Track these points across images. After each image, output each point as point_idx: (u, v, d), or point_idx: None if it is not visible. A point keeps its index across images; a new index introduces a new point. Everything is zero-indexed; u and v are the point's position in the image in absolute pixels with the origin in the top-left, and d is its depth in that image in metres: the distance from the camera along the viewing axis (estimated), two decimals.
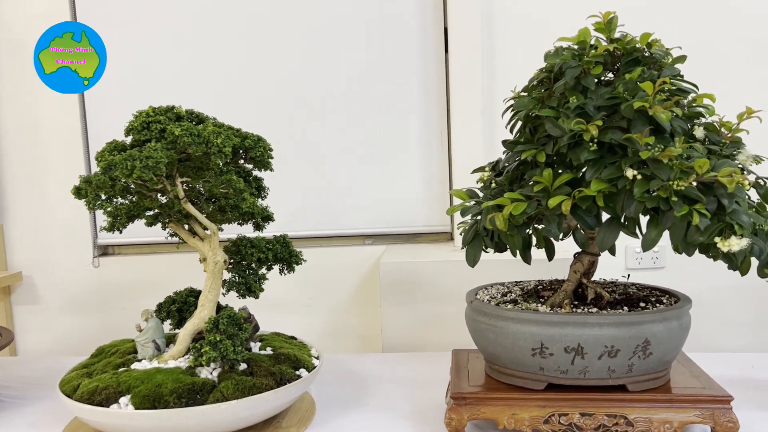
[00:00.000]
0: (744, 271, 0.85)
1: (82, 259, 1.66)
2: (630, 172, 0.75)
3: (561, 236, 0.90)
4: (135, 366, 0.95)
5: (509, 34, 1.54)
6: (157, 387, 0.86)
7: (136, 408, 0.84)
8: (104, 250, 1.71)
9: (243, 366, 0.94)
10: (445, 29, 1.56)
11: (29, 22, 1.59)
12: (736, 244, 0.73)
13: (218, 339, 0.88)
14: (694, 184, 0.74)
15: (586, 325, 0.83)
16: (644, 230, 0.79)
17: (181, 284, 1.12)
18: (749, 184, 0.82)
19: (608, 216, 0.82)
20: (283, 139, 1.61)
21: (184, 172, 0.94)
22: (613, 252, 0.89)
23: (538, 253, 0.98)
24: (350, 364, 1.29)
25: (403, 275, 1.41)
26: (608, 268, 1.53)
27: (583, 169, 0.83)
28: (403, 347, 1.42)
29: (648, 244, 0.77)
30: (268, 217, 1.12)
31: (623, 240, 1.16)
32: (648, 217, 0.78)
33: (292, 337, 1.16)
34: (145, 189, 0.90)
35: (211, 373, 0.91)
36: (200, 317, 0.97)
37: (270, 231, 1.67)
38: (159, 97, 1.59)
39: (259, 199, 1.14)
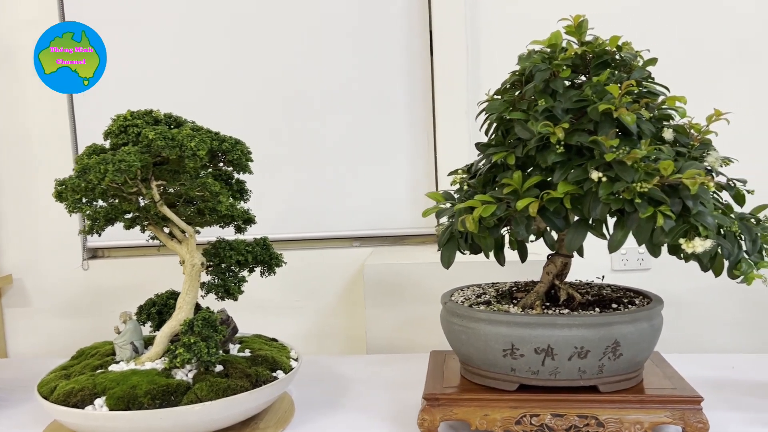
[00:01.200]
0: (717, 272, 0.86)
1: (72, 262, 1.67)
2: (595, 174, 0.76)
3: (534, 238, 0.91)
4: (112, 368, 0.96)
5: (494, 36, 1.55)
6: (131, 388, 0.87)
7: (111, 409, 0.85)
8: (94, 253, 1.72)
9: (219, 368, 0.95)
10: (431, 32, 1.57)
11: (17, 28, 1.61)
12: (700, 245, 0.73)
13: (192, 341, 0.89)
14: (659, 186, 0.75)
15: (555, 326, 0.83)
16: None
17: (170, 287, 1.13)
18: (714, 185, 0.83)
19: (577, 218, 0.82)
20: (270, 141, 1.62)
21: (160, 175, 0.95)
22: (581, 253, 0.90)
23: (511, 255, 0.98)
24: (333, 366, 1.29)
25: (387, 277, 1.42)
26: (594, 270, 1.54)
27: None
28: (387, 349, 1.43)
29: (614, 246, 0.77)
30: (249, 220, 1.13)
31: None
32: (615, 218, 0.79)
33: (274, 339, 1.17)
34: (121, 192, 0.90)
35: (187, 375, 0.92)
36: (177, 319, 0.98)
37: (257, 233, 1.68)
38: (148, 100, 1.60)
39: (242, 202, 1.15)
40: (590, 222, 0.81)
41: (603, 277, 1.05)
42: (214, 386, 0.89)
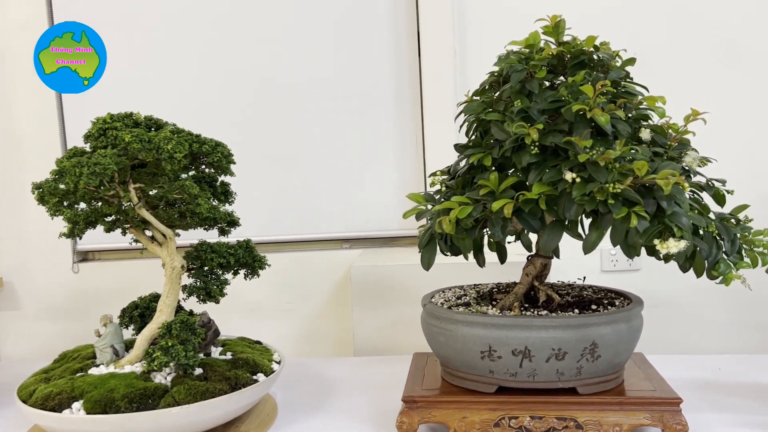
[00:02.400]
0: (698, 273, 0.86)
1: (62, 265, 1.67)
2: (569, 175, 0.76)
3: (512, 239, 0.91)
4: (92, 371, 0.96)
5: (482, 35, 1.54)
6: (109, 392, 0.87)
7: (88, 413, 0.85)
8: (84, 256, 1.72)
9: (199, 371, 0.94)
10: (418, 33, 1.57)
11: (6, 31, 1.61)
12: (674, 246, 0.73)
13: (170, 344, 0.89)
14: (634, 186, 0.74)
15: (532, 327, 0.83)
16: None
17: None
18: (691, 185, 0.82)
19: (553, 219, 0.82)
20: (260, 143, 1.62)
21: (138, 178, 0.95)
22: (557, 254, 0.89)
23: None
24: (319, 368, 1.29)
25: (374, 279, 1.41)
26: (584, 270, 1.53)
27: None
28: (375, 351, 1.43)
29: (588, 247, 0.77)
30: (233, 222, 1.12)
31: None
32: (591, 219, 0.78)
33: (257, 342, 1.16)
34: (98, 195, 0.90)
35: (165, 378, 0.92)
36: (157, 322, 0.98)
37: (247, 235, 1.68)
38: (134, 103, 1.61)
39: (226, 204, 1.15)
40: (566, 223, 0.80)
41: (584, 278, 1.05)
42: (192, 389, 0.89)
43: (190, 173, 1.10)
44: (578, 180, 0.75)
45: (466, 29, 1.55)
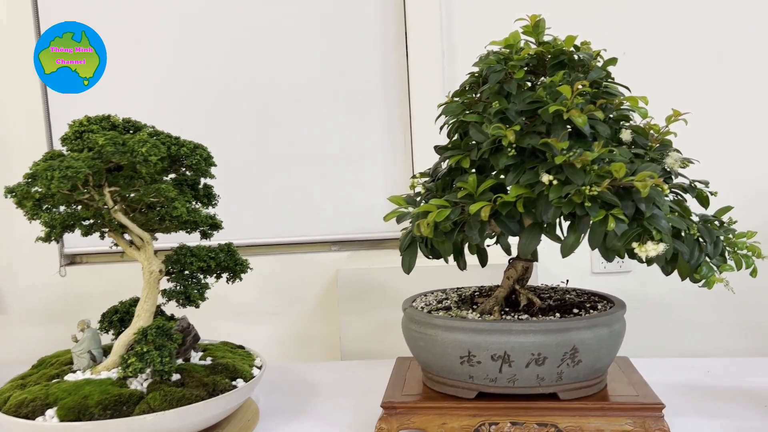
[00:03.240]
0: (682, 276, 0.84)
1: (49, 268, 1.66)
2: (546, 177, 0.74)
3: (493, 242, 0.90)
4: (68, 377, 0.94)
5: (470, 35, 1.53)
6: (83, 399, 0.86)
7: (61, 420, 0.84)
8: (72, 259, 1.71)
9: (177, 376, 0.93)
10: (406, 34, 1.55)
11: None
12: (652, 249, 0.71)
13: (145, 350, 0.88)
14: (611, 188, 0.73)
15: (511, 332, 0.82)
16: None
17: None
18: (672, 187, 0.81)
19: (531, 221, 0.80)
20: (247, 145, 1.60)
21: (114, 181, 0.93)
22: (535, 257, 0.88)
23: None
24: (304, 373, 1.28)
25: (361, 282, 1.40)
26: (575, 271, 1.52)
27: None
28: (362, 355, 1.41)
29: (566, 250, 0.76)
30: (215, 226, 1.11)
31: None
32: (569, 222, 0.77)
33: (240, 347, 1.15)
34: (72, 199, 0.89)
35: (142, 384, 0.91)
36: (135, 327, 0.96)
37: (236, 237, 1.67)
38: (124, 105, 1.61)
39: (210, 207, 1.14)
40: (544, 226, 0.79)
41: (567, 281, 1.03)
42: (168, 396, 0.87)
43: (171, 176, 1.09)
44: (555, 182, 0.74)
45: (454, 29, 1.53)
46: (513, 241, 0.88)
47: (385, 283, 1.39)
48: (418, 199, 0.95)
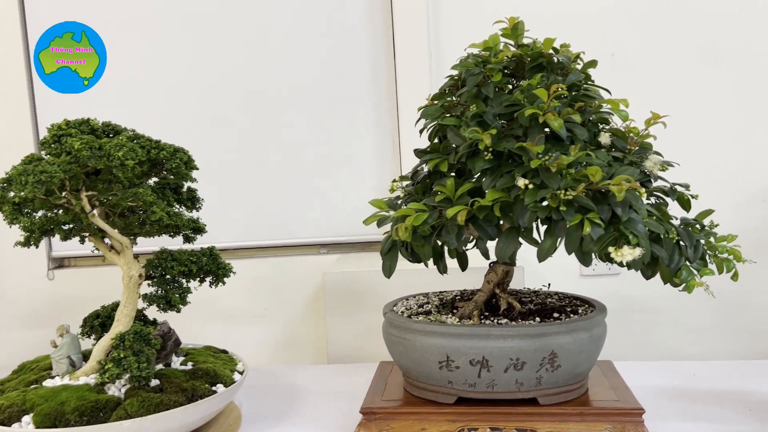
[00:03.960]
0: (665, 280, 0.84)
1: (37, 272, 1.65)
2: (522, 182, 0.74)
3: (472, 246, 0.89)
4: (46, 383, 0.94)
5: (458, 37, 1.52)
6: (60, 405, 0.85)
7: (37, 427, 0.83)
8: (60, 263, 1.70)
9: (156, 382, 0.93)
10: (394, 36, 1.55)
11: None
12: (629, 254, 0.71)
13: (122, 355, 0.87)
14: (588, 192, 0.72)
15: (490, 337, 0.81)
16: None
17: None
18: (651, 190, 0.80)
19: (509, 225, 0.80)
20: (236, 148, 1.60)
21: (92, 185, 0.93)
22: (513, 261, 0.87)
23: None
24: (290, 377, 1.27)
25: (347, 285, 1.39)
26: (565, 273, 1.51)
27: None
28: (349, 358, 1.41)
29: (543, 255, 0.75)
30: (199, 229, 1.11)
31: None
32: (546, 226, 0.77)
33: (223, 351, 1.14)
34: (49, 203, 0.89)
35: (120, 390, 0.90)
36: (114, 333, 0.96)
37: (225, 241, 1.66)
38: (111, 107, 1.60)
39: (193, 211, 1.13)
40: (522, 230, 0.78)
41: (549, 285, 1.03)
42: (145, 402, 0.87)
43: (154, 179, 1.08)
44: (531, 186, 0.73)
45: (441, 31, 1.53)
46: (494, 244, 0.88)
47: (372, 286, 1.39)
48: (399, 202, 0.94)
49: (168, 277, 1.04)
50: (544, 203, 0.73)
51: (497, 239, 0.79)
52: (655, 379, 1.14)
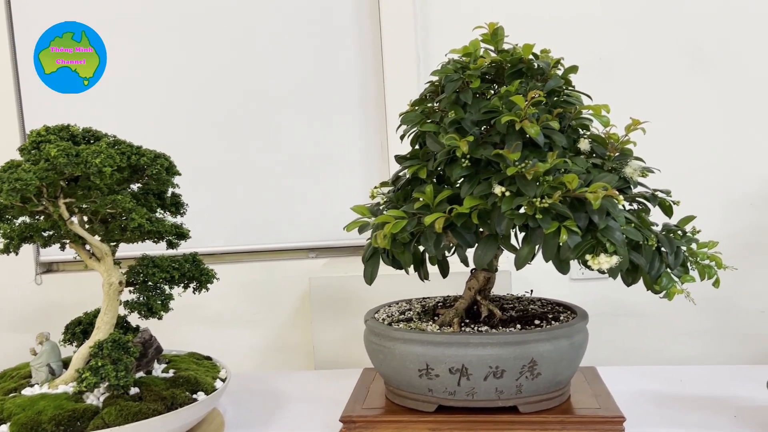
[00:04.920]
0: (647, 286, 0.83)
1: (25, 277, 1.65)
2: (498, 189, 0.73)
3: (451, 253, 0.88)
4: (25, 391, 0.93)
5: (446, 42, 1.51)
6: (37, 414, 0.84)
7: None
8: (48, 267, 1.69)
9: (135, 390, 0.92)
10: (381, 41, 1.54)
11: None
12: (605, 261, 0.70)
13: (100, 364, 0.86)
14: (565, 200, 0.72)
15: (469, 345, 0.80)
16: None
17: None
18: (631, 197, 0.80)
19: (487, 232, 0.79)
20: (224, 153, 1.59)
21: (71, 192, 0.92)
22: (491, 268, 0.87)
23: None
24: (275, 383, 1.26)
25: (334, 290, 1.39)
26: (555, 277, 1.50)
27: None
28: (336, 364, 1.40)
29: (520, 262, 0.74)
30: (182, 235, 1.10)
31: None
32: (524, 233, 0.76)
33: (207, 358, 1.14)
34: (26, 210, 0.88)
35: (98, 399, 0.89)
36: (93, 340, 0.95)
37: (214, 245, 1.65)
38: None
39: (178, 216, 1.13)
40: (500, 237, 0.78)
41: (531, 291, 1.02)
42: (123, 410, 0.86)
43: (137, 185, 1.08)
44: (507, 194, 0.73)
45: (430, 36, 1.52)
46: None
47: (358, 291, 1.38)
48: (381, 208, 0.93)
49: (150, 283, 1.03)
50: (521, 210, 0.72)
51: (476, 246, 0.79)
52: (643, 384, 1.13)
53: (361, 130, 1.58)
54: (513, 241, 0.80)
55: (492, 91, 0.89)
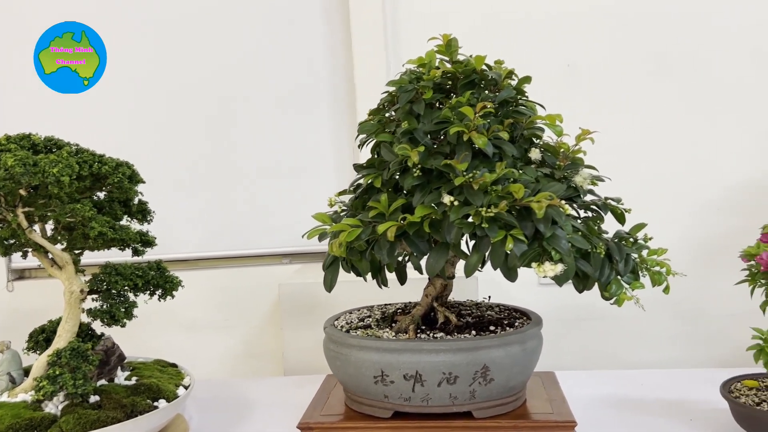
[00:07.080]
0: (605, 295, 0.85)
1: None
2: (447, 199, 0.74)
3: (406, 261, 0.89)
4: None
5: (416, 50, 1.53)
6: None
7: None
8: (20, 274, 1.69)
9: (96, 398, 0.92)
10: (351, 46, 1.55)
11: None
12: (550, 269, 0.72)
13: (57, 372, 0.87)
14: (511, 209, 0.73)
15: (422, 351, 0.82)
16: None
17: None
18: (581, 206, 0.81)
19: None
20: (197, 158, 1.60)
21: (31, 201, 0.92)
22: (443, 274, 0.88)
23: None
24: (243, 389, 1.27)
25: (304, 297, 1.39)
26: (523, 282, 1.52)
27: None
28: (306, 370, 1.40)
29: (469, 270, 0.76)
30: (148, 242, 1.10)
31: None
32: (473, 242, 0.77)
33: (173, 365, 1.14)
34: None
35: (57, 407, 0.90)
36: (53, 348, 0.95)
37: (186, 251, 1.65)
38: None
39: (145, 224, 1.13)
40: (450, 245, 0.79)
41: (489, 297, 1.04)
42: (81, 419, 0.86)
43: (102, 193, 1.08)
44: (456, 203, 0.74)
45: (400, 42, 1.54)
46: None
47: (328, 297, 1.37)
48: (342, 215, 0.94)
49: (113, 291, 1.04)
50: (469, 219, 0.74)
51: (428, 254, 0.80)
52: (603, 388, 1.15)
53: (333, 138, 1.60)
54: (466, 248, 0.82)
55: (440, 103, 0.90)
